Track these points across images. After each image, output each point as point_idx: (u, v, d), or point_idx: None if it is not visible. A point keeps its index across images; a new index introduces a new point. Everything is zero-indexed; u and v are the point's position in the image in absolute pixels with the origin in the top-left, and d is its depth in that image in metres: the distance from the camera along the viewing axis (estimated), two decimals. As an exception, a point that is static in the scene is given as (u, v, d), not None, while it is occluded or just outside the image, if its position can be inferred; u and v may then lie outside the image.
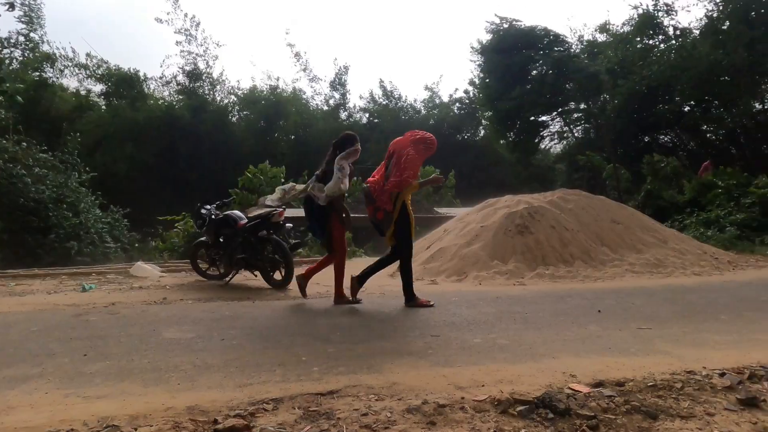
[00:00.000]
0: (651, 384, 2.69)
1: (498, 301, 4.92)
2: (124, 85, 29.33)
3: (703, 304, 4.78)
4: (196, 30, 31.17)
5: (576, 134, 23.08)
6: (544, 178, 27.96)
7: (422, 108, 36.40)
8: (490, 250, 6.76)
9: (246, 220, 6.15)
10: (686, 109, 17.71)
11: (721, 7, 14.84)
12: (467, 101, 33.91)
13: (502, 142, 24.08)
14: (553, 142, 25.54)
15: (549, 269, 6.42)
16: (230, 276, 6.41)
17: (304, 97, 34.29)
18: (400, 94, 36.21)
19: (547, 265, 6.55)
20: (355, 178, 15.79)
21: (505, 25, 20.74)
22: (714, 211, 11.80)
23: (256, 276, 6.31)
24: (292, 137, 30.09)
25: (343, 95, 34.56)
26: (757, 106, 16.13)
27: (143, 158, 26.73)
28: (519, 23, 20.77)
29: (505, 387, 2.70)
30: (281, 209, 6.15)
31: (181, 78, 30.88)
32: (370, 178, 4.99)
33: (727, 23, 14.52)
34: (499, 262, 6.57)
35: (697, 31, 16.39)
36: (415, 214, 4.92)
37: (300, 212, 14.30)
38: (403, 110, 35.49)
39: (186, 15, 32.17)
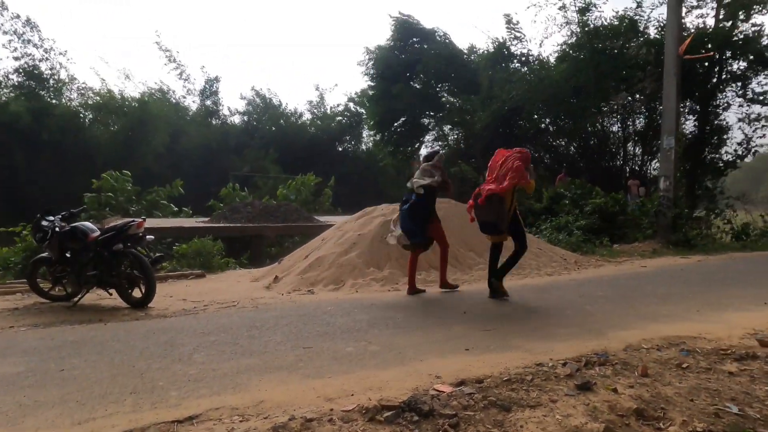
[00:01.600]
0: (506, 379, 2.90)
1: (372, 307, 4.99)
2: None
3: (553, 301, 5.33)
4: (33, 31, 27.05)
5: (450, 142, 24.38)
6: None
7: (304, 115, 36.05)
8: (367, 258, 6.86)
9: (98, 233, 5.48)
10: (542, 126, 19.83)
11: (575, 37, 17.00)
12: (348, 113, 34.36)
13: (380, 141, 24.35)
14: (428, 149, 26.72)
15: (422, 274, 6.68)
16: (80, 296, 5.65)
17: (173, 101, 31.93)
18: (280, 101, 35.50)
19: (419, 270, 6.82)
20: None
21: (407, 20, 21.23)
22: (564, 218, 13.31)
23: (111, 294, 5.65)
24: (160, 144, 27.71)
25: (216, 102, 32.88)
26: (598, 126, 18.65)
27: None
28: (418, 24, 21.40)
29: (373, 394, 2.72)
30: (141, 219, 5.60)
31: (16, 79, 26.70)
32: (486, 186, 5.29)
33: (579, 52, 16.62)
34: (375, 269, 6.69)
35: (552, 57, 18.62)
36: (293, 223, 4.83)
37: (164, 223, 13.21)
38: (284, 117, 34.83)
39: (19, 16, 27.43)
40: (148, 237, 5.65)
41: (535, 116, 19.04)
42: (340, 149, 34.37)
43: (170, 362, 3.33)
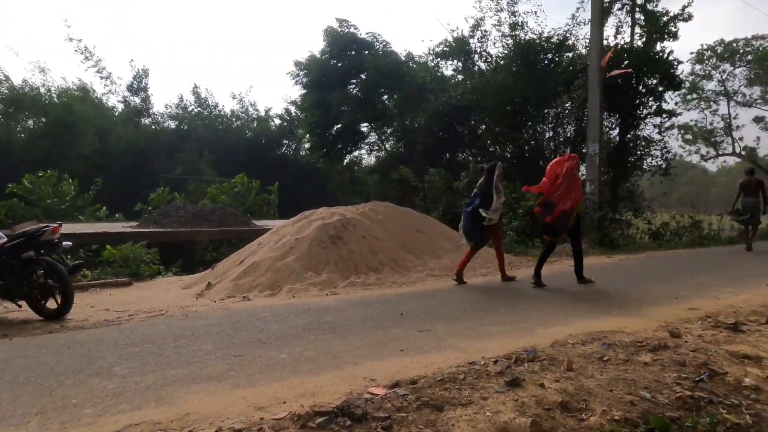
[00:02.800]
0: (440, 378, 2.92)
1: (309, 312, 4.90)
2: None
3: (487, 300, 5.48)
4: None
5: (389, 147, 24.58)
6: (362, 191, 29.43)
7: (240, 117, 34.94)
8: (305, 262, 6.75)
9: (5, 239, 5.01)
10: (479, 131, 20.43)
11: (511, 48, 17.63)
12: (288, 117, 33.76)
13: (315, 146, 24.12)
14: (364, 153, 26.67)
15: (360, 277, 6.68)
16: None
17: (95, 98, 29.88)
18: (216, 103, 34.21)
19: (358, 273, 6.81)
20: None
21: (342, 30, 21.12)
22: (500, 220, 13.80)
23: (20, 307, 5.18)
24: (82, 144, 25.84)
25: (145, 99, 31.07)
26: (531, 132, 19.46)
27: None
28: (356, 30, 21.36)
29: (306, 400, 2.66)
30: (56, 224, 5.18)
31: None
32: (541, 189, 6.36)
33: (513, 64, 17.28)
34: (313, 274, 6.59)
35: (489, 65, 19.17)
36: (230, 227, 4.67)
37: (87, 228, 12.37)
38: (219, 120, 33.65)
39: None
40: (64, 243, 5.24)
41: (473, 122, 19.60)
42: (278, 153, 33.60)
43: (86, 377, 3.09)
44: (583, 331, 4.01)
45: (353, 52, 21.14)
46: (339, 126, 22.07)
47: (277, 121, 34.24)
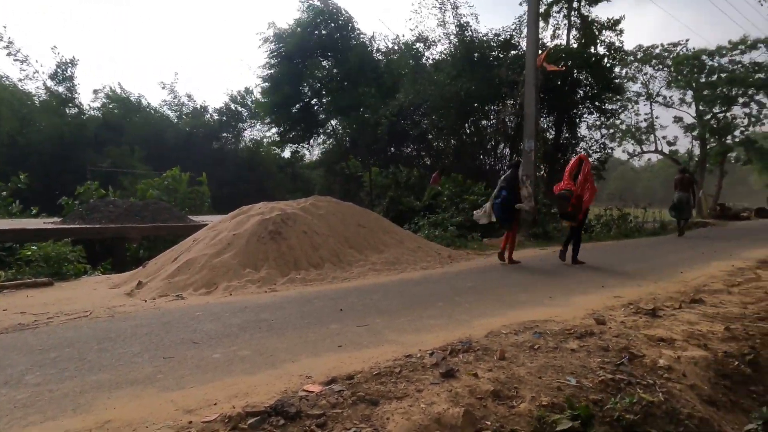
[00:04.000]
0: (376, 373, 2.92)
1: (246, 310, 4.76)
2: None
3: (426, 294, 5.54)
4: None
5: (338, 138, 24.01)
6: (305, 188, 29.02)
7: (174, 109, 33.41)
8: (243, 258, 6.54)
9: None
10: (425, 126, 20.61)
11: (454, 47, 17.89)
12: (227, 111, 32.62)
13: (276, 131, 23.13)
14: (317, 144, 25.82)
15: (301, 273, 6.57)
16: None
17: (9, 83, 27.48)
18: (141, 98, 32.29)
19: (299, 269, 6.69)
20: None
21: (318, 8, 20.42)
22: (441, 214, 14.04)
23: None
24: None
25: (71, 89, 28.87)
26: (474, 129, 19.85)
27: None
28: (335, 8, 20.60)
29: (239, 401, 2.57)
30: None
31: None
32: (561, 184, 7.81)
33: (458, 62, 17.54)
34: (251, 270, 6.40)
35: (434, 61, 19.38)
36: (163, 223, 4.43)
37: (2, 224, 11.39)
38: (152, 112, 31.95)
39: None
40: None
41: (416, 117, 19.78)
42: (217, 147, 32.42)
43: (-8, 387, 2.83)
44: (516, 321, 4.15)
45: (325, 30, 20.44)
46: (299, 105, 21.12)
47: (216, 116, 33.00)
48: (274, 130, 23.51)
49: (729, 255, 8.52)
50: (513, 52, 17.25)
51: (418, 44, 20.11)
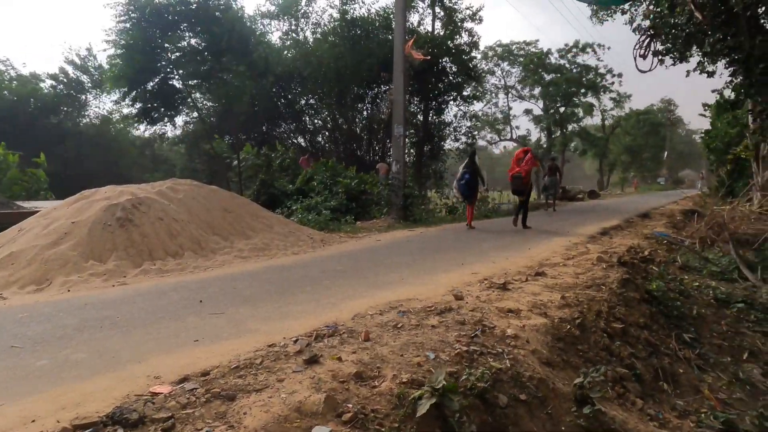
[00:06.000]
0: (235, 366, 2.74)
1: (86, 308, 4.19)
2: None
3: (295, 279, 5.41)
4: None
5: (204, 116, 22.18)
6: (166, 169, 26.63)
7: None
8: (84, 249, 5.74)
9: None
10: (303, 103, 19.99)
11: (336, 19, 17.40)
12: (66, 78, 28.24)
13: (128, 105, 20.40)
14: (181, 122, 23.49)
15: (157, 264, 5.98)
16: None
17: None
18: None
19: (154, 259, 6.08)
20: None
21: None
22: (315, 198, 13.88)
23: None
24: None
25: None
26: (351, 114, 19.81)
27: None
28: None
29: (67, 414, 2.23)
30: None
31: None
32: (517, 169, 10.25)
33: (338, 37, 17.11)
34: (96, 263, 5.65)
35: (314, 36, 18.74)
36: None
37: None
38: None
39: None
40: None
41: (290, 96, 19.17)
42: (55, 121, 27.97)
43: None
44: (383, 301, 4.22)
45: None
46: (159, 78, 18.68)
47: (51, 84, 28.25)
48: (127, 106, 20.90)
49: (567, 232, 9.70)
50: (389, 36, 17.52)
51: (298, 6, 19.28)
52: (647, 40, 10.69)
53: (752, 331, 5.44)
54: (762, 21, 9.90)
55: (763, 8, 9.51)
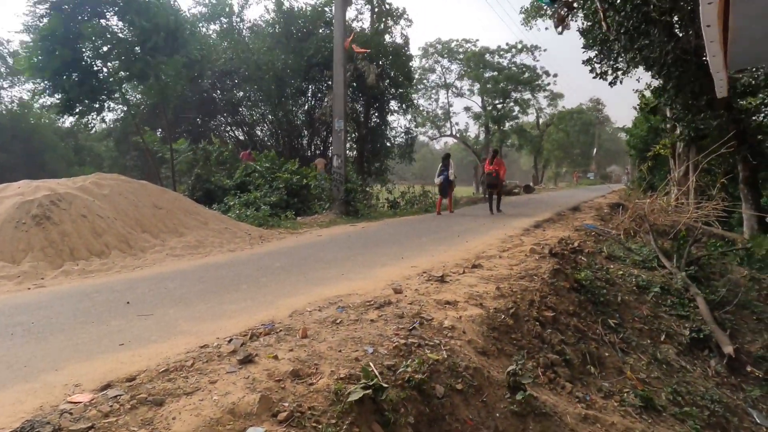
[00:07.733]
0: (164, 369, 2.61)
1: (-6, 314, 3.84)
2: None
3: (231, 278, 5.23)
4: None
5: (134, 108, 20.89)
6: (94, 162, 24.90)
7: None
8: (-5, 250, 5.27)
9: None
10: (240, 96, 19.26)
11: (272, 12, 16.95)
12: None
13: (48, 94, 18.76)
14: (108, 113, 21.91)
15: (79, 264, 5.58)
16: None
17: None
18: None
19: (76, 259, 5.67)
20: None
21: None
22: (253, 193, 13.50)
23: None
24: None
25: None
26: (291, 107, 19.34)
27: None
28: None
29: (-34, 433, 2.02)
30: None
31: None
32: (489, 167, 12.92)
33: (273, 29, 16.61)
34: (7, 264, 5.18)
35: (250, 30, 18.12)
36: None
37: None
38: None
39: None
40: None
41: (227, 87, 18.50)
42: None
43: None
44: (321, 297, 4.17)
45: None
46: (82, 68, 17.24)
47: None
48: (46, 95, 19.30)
49: (503, 225, 10.04)
50: (327, 31, 17.31)
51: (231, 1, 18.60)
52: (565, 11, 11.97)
53: (668, 315, 5.88)
54: (675, 29, 10.68)
55: (677, 16, 10.26)
